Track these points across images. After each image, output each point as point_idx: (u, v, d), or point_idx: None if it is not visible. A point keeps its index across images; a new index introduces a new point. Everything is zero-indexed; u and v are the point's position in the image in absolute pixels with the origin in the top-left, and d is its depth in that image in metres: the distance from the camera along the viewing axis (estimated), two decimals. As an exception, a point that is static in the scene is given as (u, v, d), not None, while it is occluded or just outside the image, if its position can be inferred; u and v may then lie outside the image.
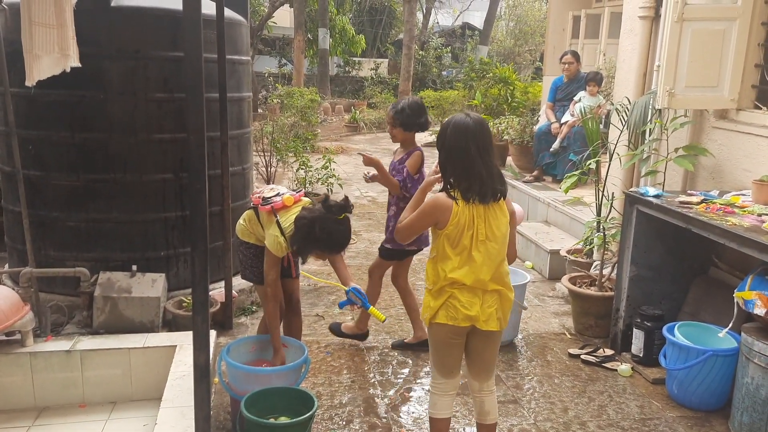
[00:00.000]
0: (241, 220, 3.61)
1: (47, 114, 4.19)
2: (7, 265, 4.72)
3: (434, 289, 2.76)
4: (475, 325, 2.73)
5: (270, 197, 3.40)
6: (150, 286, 4.14)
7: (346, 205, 3.30)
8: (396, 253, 4.17)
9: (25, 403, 3.58)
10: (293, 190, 3.54)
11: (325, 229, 3.21)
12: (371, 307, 3.58)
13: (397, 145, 4.18)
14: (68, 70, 3.48)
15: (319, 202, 3.38)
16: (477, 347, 2.85)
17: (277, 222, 3.32)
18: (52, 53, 3.39)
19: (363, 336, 4.38)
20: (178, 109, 4.29)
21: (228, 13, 4.47)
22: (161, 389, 3.28)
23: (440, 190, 2.77)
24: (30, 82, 3.40)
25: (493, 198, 2.70)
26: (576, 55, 7.74)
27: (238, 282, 4.80)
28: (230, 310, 4.52)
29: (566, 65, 7.67)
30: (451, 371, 2.87)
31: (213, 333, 3.83)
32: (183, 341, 3.70)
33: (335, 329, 4.41)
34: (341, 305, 3.64)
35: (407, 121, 4.00)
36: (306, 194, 3.61)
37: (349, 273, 3.64)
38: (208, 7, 4.15)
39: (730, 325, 3.55)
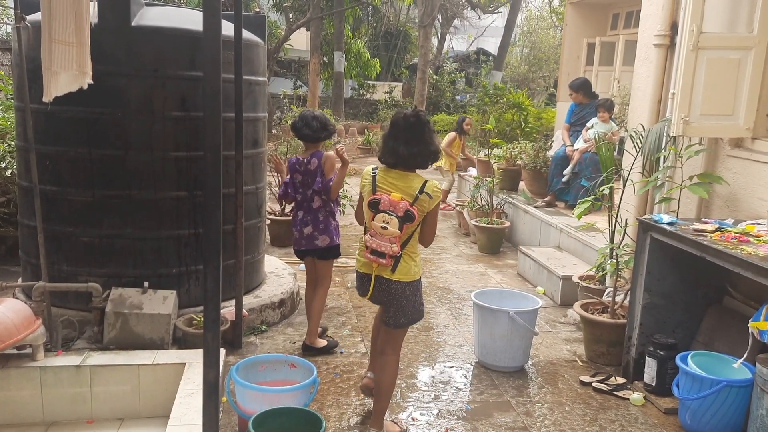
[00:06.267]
0: (410, 262, 3.31)
1: (65, 130, 4.24)
2: (20, 279, 4.76)
3: None
4: None
5: (386, 212, 3.26)
6: (161, 302, 4.16)
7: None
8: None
9: (33, 418, 3.58)
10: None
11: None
12: None
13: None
14: (85, 87, 3.53)
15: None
16: None
17: (424, 187, 3.30)
18: (70, 70, 3.44)
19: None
20: (194, 128, 4.34)
21: (246, 34, 4.53)
22: (169, 407, 3.27)
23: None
24: (47, 98, 3.45)
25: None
26: (576, 88, 7.82)
27: (249, 301, 4.81)
28: (240, 329, 4.51)
29: (570, 96, 7.91)
30: None
31: (222, 351, 3.83)
32: (192, 359, 3.70)
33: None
34: None
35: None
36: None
37: None
38: (227, 29, 4.21)
39: (745, 355, 3.50)
